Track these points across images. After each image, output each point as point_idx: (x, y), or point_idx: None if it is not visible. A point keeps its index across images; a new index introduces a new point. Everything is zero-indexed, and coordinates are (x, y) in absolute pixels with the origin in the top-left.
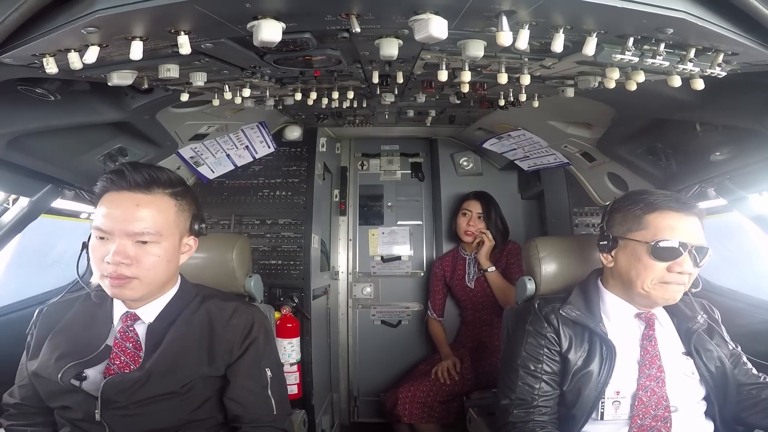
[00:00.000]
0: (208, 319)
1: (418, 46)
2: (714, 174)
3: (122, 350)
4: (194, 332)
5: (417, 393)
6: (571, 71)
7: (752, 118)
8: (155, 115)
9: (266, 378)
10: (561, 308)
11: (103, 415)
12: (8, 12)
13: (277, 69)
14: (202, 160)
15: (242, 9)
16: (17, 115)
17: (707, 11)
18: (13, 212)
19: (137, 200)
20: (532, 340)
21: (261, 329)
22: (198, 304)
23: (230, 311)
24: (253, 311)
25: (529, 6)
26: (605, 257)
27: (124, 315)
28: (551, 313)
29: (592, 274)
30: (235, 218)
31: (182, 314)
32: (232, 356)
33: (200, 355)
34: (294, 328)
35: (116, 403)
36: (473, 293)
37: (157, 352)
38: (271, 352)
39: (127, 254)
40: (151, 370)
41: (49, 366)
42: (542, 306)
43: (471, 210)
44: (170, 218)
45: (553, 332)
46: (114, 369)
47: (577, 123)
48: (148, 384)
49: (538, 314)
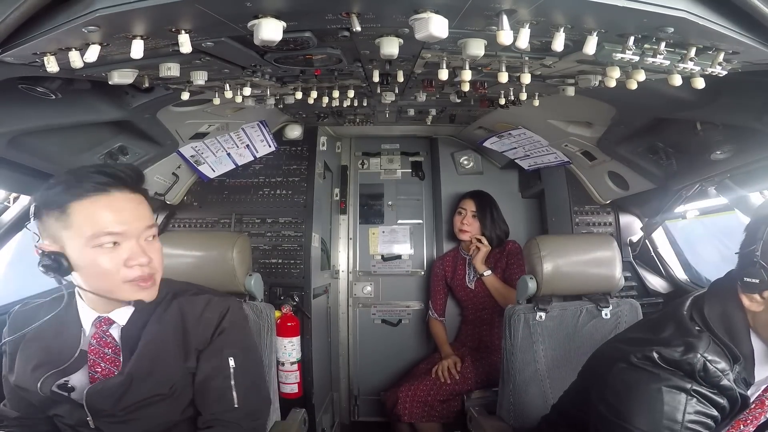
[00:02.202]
0: (180, 315)
1: (419, 45)
2: (714, 173)
3: (101, 357)
4: (168, 331)
5: (417, 392)
6: (571, 70)
7: (753, 117)
8: (156, 114)
9: (228, 368)
10: (733, 372)
11: (96, 422)
12: (9, 11)
13: (278, 68)
14: (202, 159)
15: (243, 8)
16: (18, 114)
17: (708, 10)
18: (14, 211)
19: (134, 198)
20: (701, 407)
21: (232, 319)
22: (169, 301)
23: (202, 305)
24: (227, 302)
25: (529, 5)
26: (751, 299)
27: (97, 320)
28: (724, 377)
29: (737, 312)
30: (236, 217)
31: (154, 314)
32: (204, 348)
33: (177, 353)
34: (294, 327)
35: (103, 411)
36: (474, 294)
37: (134, 356)
38: (238, 341)
39: (146, 253)
40: (131, 374)
41: (26, 377)
42: (710, 361)
43: (465, 209)
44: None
45: (725, 400)
46: (98, 377)
47: (577, 122)
48: (132, 389)
49: (706, 372)
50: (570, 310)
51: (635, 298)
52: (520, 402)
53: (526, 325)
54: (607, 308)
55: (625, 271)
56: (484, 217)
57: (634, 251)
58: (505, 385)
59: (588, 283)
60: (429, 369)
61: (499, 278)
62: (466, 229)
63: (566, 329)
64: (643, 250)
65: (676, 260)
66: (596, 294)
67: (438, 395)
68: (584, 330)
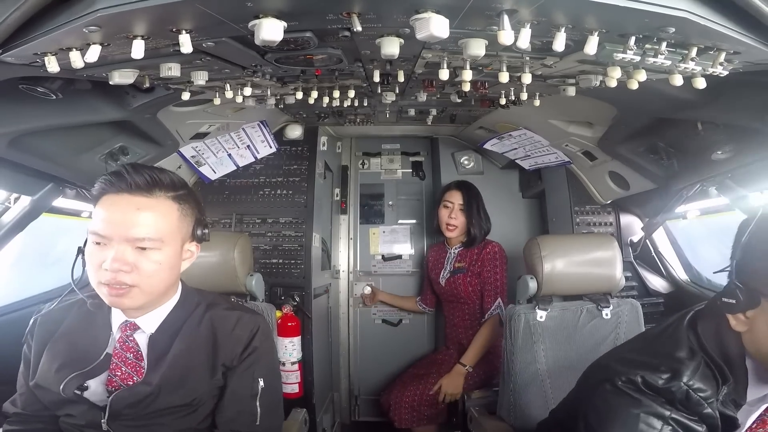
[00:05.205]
0: (212, 330)
1: (420, 45)
2: (715, 173)
3: (123, 360)
4: (200, 345)
5: (404, 398)
6: (572, 70)
7: (753, 117)
8: (156, 114)
9: (257, 388)
10: (720, 395)
11: (110, 425)
12: (10, 11)
13: (279, 68)
14: (203, 160)
15: (243, 8)
16: (19, 114)
17: (709, 10)
18: (15, 211)
19: (138, 204)
20: None
21: (262, 338)
22: (201, 313)
23: (234, 321)
24: (257, 320)
25: (530, 5)
26: (736, 319)
27: (123, 324)
28: (708, 405)
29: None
30: (236, 217)
31: (186, 324)
32: (232, 364)
33: (205, 367)
34: (295, 327)
35: (124, 416)
36: (443, 291)
37: (164, 366)
38: (268, 363)
39: (126, 261)
40: (160, 384)
41: (50, 377)
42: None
43: (453, 202)
44: (172, 223)
45: (704, 427)
46: (116, 381)
47: (578, 122)
48: (159, 399)
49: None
50: (570, 310)
51: (636, 298)
52: (521, 402)
53: (526, 325)
54: (607, 308)
55: (626, 271)
56: (471, 211)
57: (634, 251)
58: (505, 384)
59: (588, 283)
60: (417, 374)
61: (474, 279)
62: (454, 223)
63: (567, 329)
64: (644, 250)
65: (677, 260)
66: (597, 294)
67: (423, 399)
68: (585, 330)
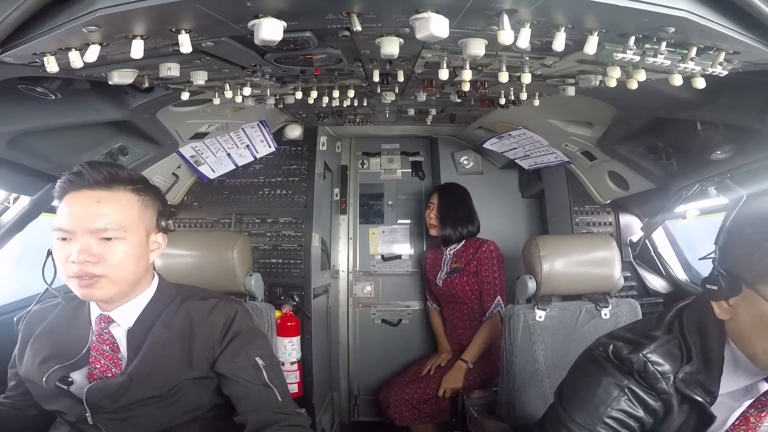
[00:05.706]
0: (188, 320)
1: (419, 45)
2: (714, 173)
3: (100, 353)
4: (175, 336)
5: (403, 395)
6: (572, 70)
7: (753, 117)
8: (156, 114)
9: (258, 366)
10: (680, 372)
11: (95, 419)
12: (9, 11)
13: (278, 68)
14: (202, 159)
15: (243, 7)
16: (18, 114)
17: (709, 10)
18: (14, 211)
19: (98, 197)
20: (627, 406)
21: (242, 322)
22: (177, 305)
23: (209, 308)
24: (235, 307)
25: (530, 5)
26: (720, 306)
27: (98, 317)
28: (663, 380)
29: (711, 320)
30: (236, 217)
31: (161, 317)
32: (214, 353)
33: (182, 358)
34: (294, 327)
35: (103, 408)
36: (441, 291)
37: (137, 357)
38: (259, 344)
39: (91, 252)
40: (132, 375)
41: (33, 370)
42: (651, 363)
43: (433, 203)
44: (134, 213)
45: (660, 404)
46: (96, 373)
47: (577, 122)
48: (131, 389)
49: (646, 372)
50: (569, 310)
51: (635, 298)
52: (520, 402)
53: (525, 324)
54: (606, 308)
55: (625, 271)
56: (444, 212)
57: (634, 251)
58: (504, 384)
59: (587, 282)
60: (417, 372)
61: (471, 279)
62: (433, 223)
63: (566, 329)
64: (643, 250)
65: (676, 260)
66: (596, 294)
67: (423, 396)
68: (584, 330)
